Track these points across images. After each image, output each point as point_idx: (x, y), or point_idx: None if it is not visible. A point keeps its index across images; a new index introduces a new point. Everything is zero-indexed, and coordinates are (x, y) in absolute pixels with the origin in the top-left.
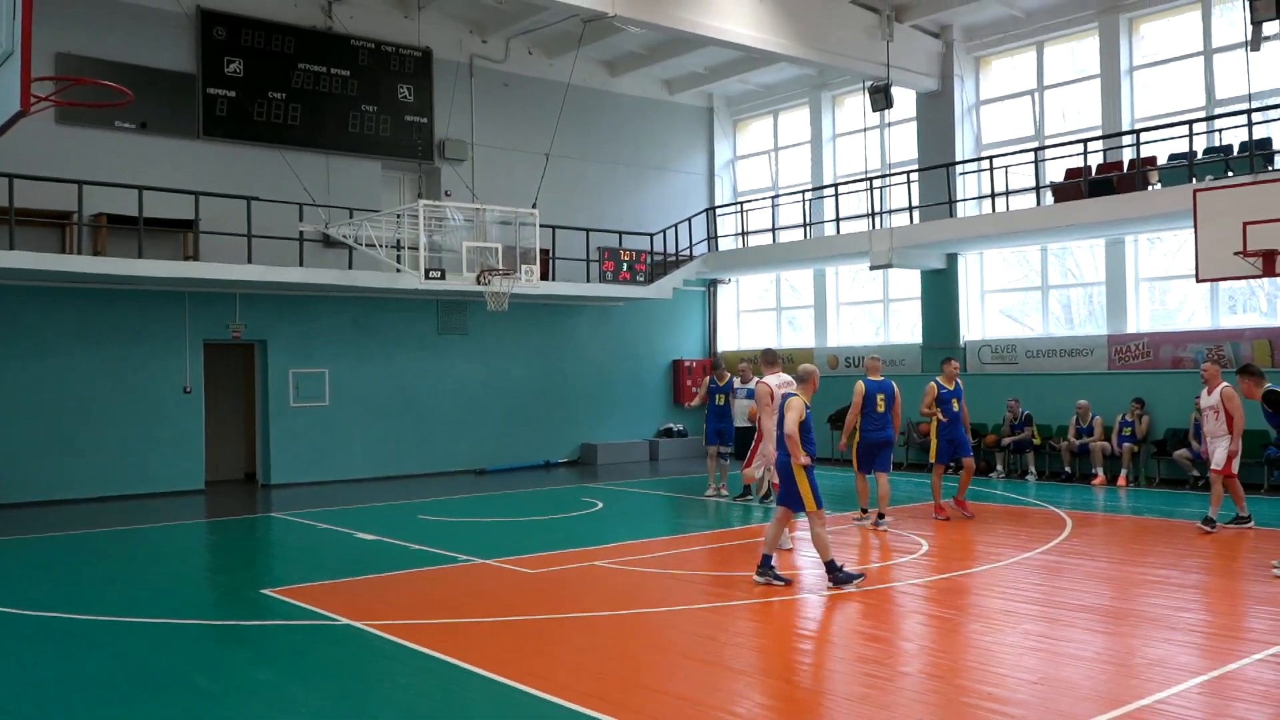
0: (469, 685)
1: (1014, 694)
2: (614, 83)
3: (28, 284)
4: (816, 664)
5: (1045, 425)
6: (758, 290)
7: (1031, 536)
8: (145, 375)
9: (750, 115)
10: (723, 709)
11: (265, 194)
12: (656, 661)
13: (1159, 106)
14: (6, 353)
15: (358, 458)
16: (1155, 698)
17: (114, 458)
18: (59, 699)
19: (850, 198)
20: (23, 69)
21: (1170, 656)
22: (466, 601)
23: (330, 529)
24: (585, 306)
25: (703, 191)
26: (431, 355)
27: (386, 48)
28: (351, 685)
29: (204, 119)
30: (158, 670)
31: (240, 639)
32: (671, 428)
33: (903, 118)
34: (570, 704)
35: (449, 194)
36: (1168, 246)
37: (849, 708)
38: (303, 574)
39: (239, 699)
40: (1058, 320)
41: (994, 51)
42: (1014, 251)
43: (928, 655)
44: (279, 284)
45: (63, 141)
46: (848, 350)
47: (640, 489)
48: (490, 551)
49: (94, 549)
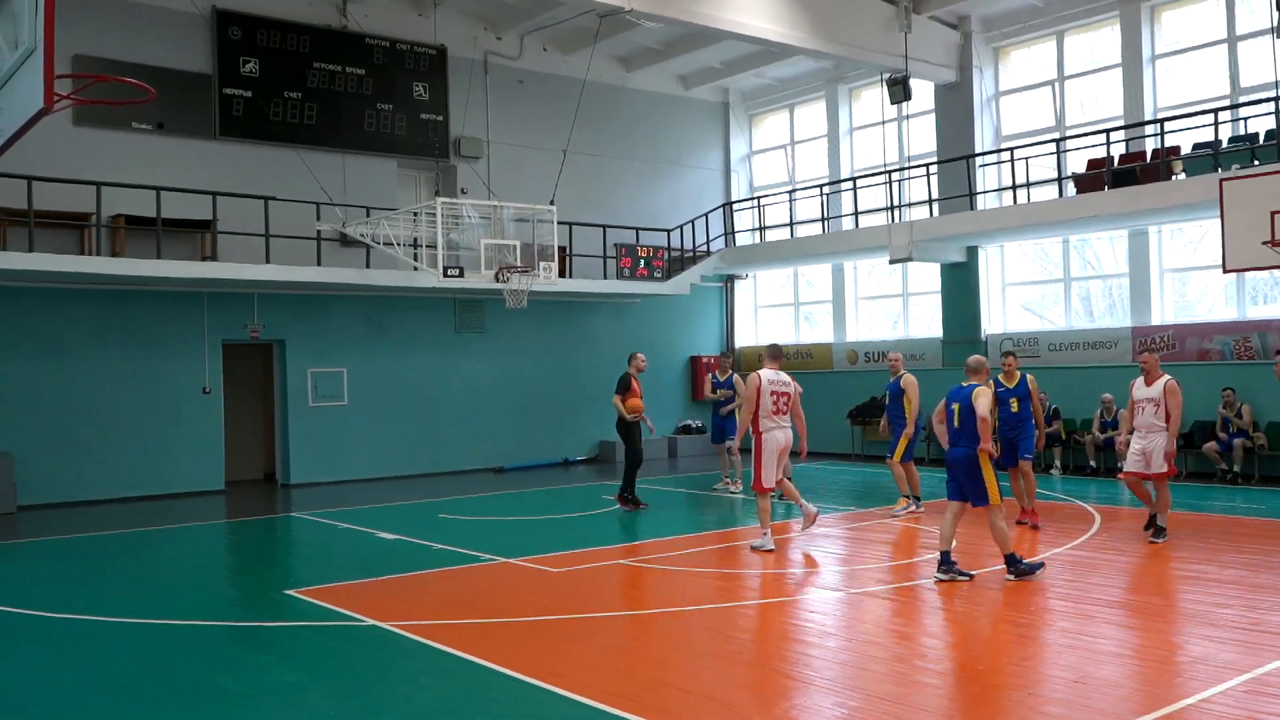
0: (495, 686)
1: (1054, 693)
2: (629, 78)
3: (47, 285)
4: (847, 663)
5: (1069, 419)
6: (775, 285)
7: (1060, 532)
8: (164, 376)
9: (766, 109)
10: (755, 711)
11: (282, 194)
12: (683, 661)
13: (1182, 95)
14: (26, 354)
15: (376, 457)
16: (1199, 697)
17: (133, 458)
18: (82, 702)
19: (868, 191)
20: (46, 66)
21: (1212, 654)
22: (490, 601)
23: (351, 528)
24: (602, 303)
25: (719, 187)
26: (449, 354)
27: (401, 46)
28: (376, 687)
29: (220, 119)
30: (182, 672)
31: (264, 640)
32: (690, 424)
33: (921, 110)
34: (600, 704)
35: (465, 192)
36: (1189, 237)
37: (885, 708)
38: (325, 574)
39: (263, 701)
40: (1077, 313)
41: (1013, 42)
42: (1033, 244)
43: (962, 653)
44: (296, 283)
45: (80, 143)
46: (866, 345)
47: (659, 486)
48: (512, 550)
49: (114, 550)
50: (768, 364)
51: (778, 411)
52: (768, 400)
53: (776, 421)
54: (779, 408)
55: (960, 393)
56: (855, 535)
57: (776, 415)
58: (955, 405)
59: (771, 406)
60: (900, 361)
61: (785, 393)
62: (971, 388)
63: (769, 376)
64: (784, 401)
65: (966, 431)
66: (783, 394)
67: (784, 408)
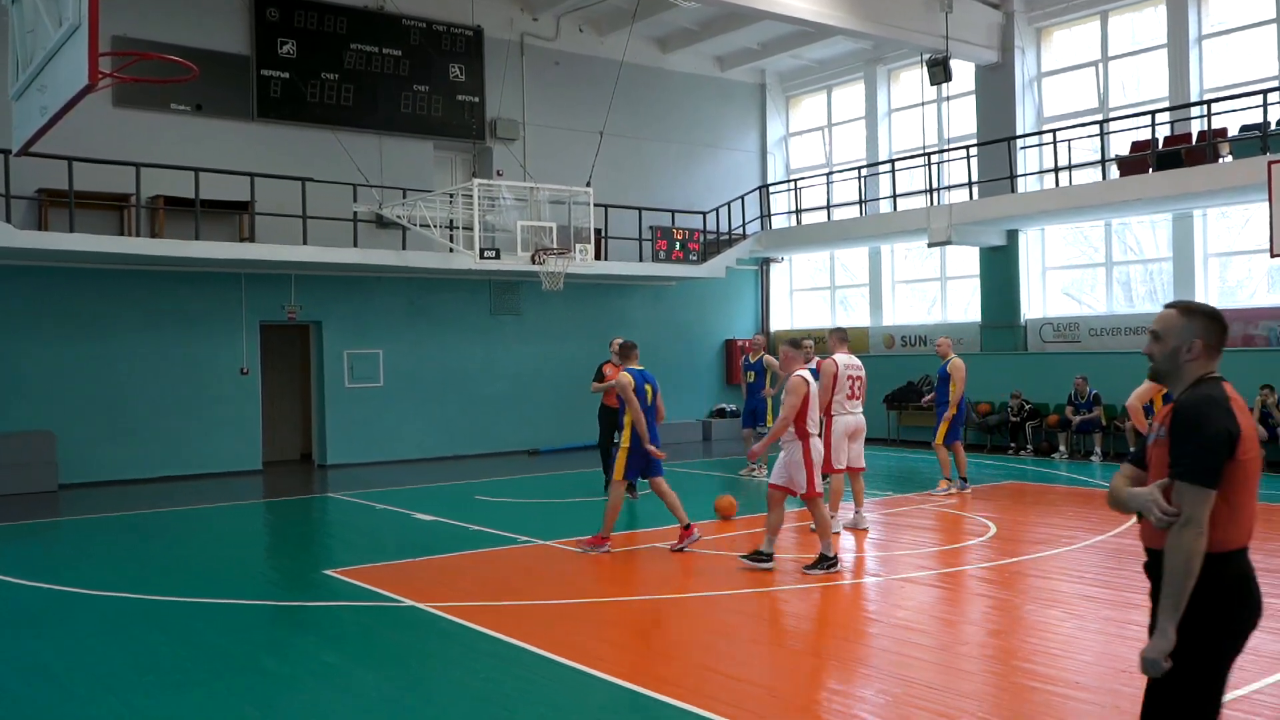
0: (539, 670)
1: (1103, 684)
2: (665, 60)
3: (87, 266)
4: (888, 650)
5: (1110, 406)
6: (811, 269)
7: (1102, 519)
8: (202, 357)
9: (803, 91)
10: (797, 696)
11: (319, 175)
12: (724, 646)
13: (1229, 77)
14: (66, 335)
15: (412, 438)
16: (1250, 688)
17: (172, 438)
18: (130, 681)
19: (906, 174)
20: (90, 42)
21: (1261, 645)
22: (529, 583)
23: (388, 509)
24: (638, 287)
25: (755, 169)
26: (485, 336)
27: (438, 27)
28: (420, 670)
29: (258, 101)
30: (226, 652)
31: (306, 621)
32: (724, 408)
33: (961, 92)
34: (647, 690)
35: (501, 173)
36: (1233, 221)
37: (928, 695)
38: (364, 555)
39: (309, 683)
40: (1116, 299)
41: (1056, 22)
42: (1074, 229)
43: (1006, 642)
44: (334, 265)
45: (120, 125)
46: (903, 329)
47: (695, 469)
48: (549, 532)
49: (154, 529)
50: (837, 348)
51: (852, 396)
52: (844, 384)
53: (850, 406)
54: (853, 392)
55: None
56: (894, 520)
57: (851, 400)
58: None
59: (847, 390)
60: (949, 346)
61: (860, 376)
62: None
63: (843, 361)
64: (858, 386)
65: None
66: (857, 378)
67: (858, 392)
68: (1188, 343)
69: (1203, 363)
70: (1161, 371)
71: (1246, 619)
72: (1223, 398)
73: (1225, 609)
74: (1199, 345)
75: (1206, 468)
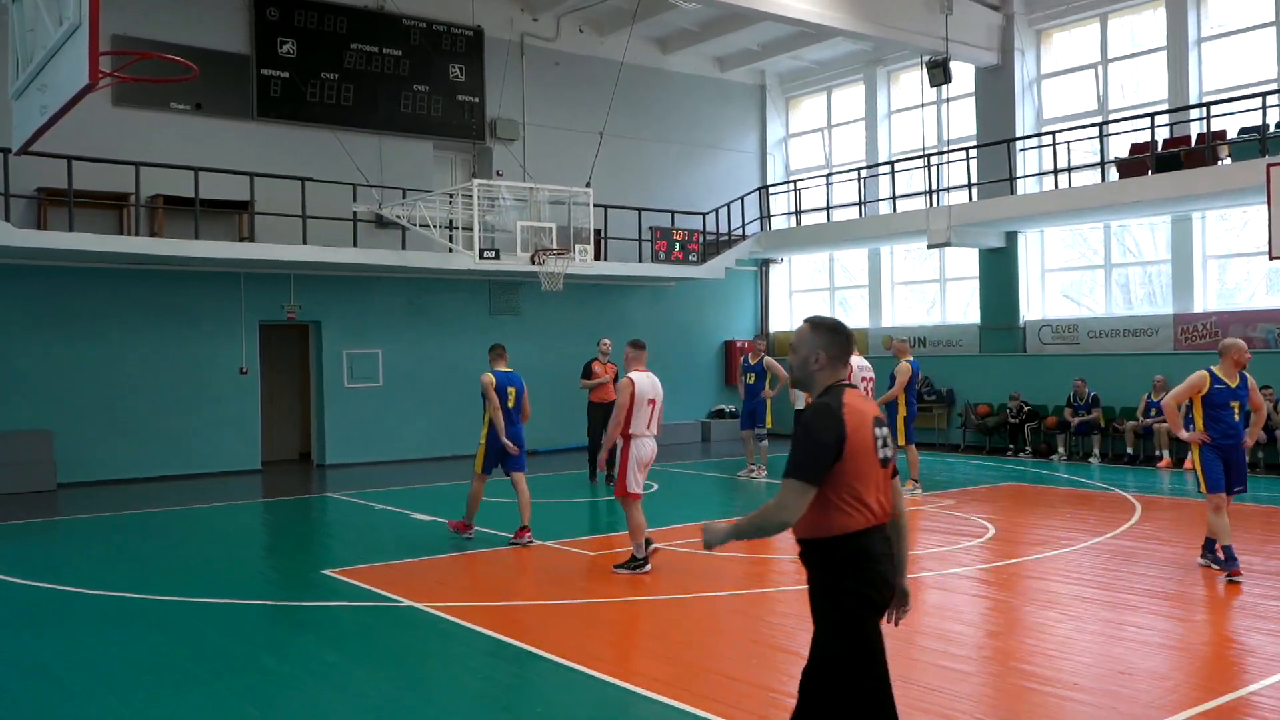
0: (538, 669)
1: (1101, 685)
2: (665, 60)
3: (87, 265)
4: (886, 650)
5: (1108, 407)
6: (810, 270)
7: (1101, 521)
8: (201, 356)
9: (803, 92)
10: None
11: (319, 175)
12: (725, 646)
13: (1228, 79)
14: (65, 334)
15: (411, 438)
16: (1252, 688)
17: (171, 438)
18: (130, 680)
19: (906, 176)
20: (90, 41)
21: (1262, 646)
22: (527, 583)
23: (387, 509)
24: (637, 287)
25: (755, 170)
26: (484, 336)
27: (438, 27)
28: (418, 669)
29: (258, 100)
30: (226, 652)
31: (305, 621)
32: (724, 409)
33: (961, 93)
34: (646, 691)
35: (501, 174)
36: (1232, 223)
37: (927, 697)
38: (362, 555)
39: (309, 683)
40: (1115, 300)
41: (1056, 24)
42: (1073, 231)
43: (1004, 643)
44: (333, 265)
45: (119, 124)
46: (902, 330)
47: (693, 470)
48: (548, 533)
49: (152, 528)
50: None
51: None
52: (859, 385)
53: None
54: (866, 393)
55: None
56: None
57: None
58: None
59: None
60: (903, 348)
61: (870, 378)
62: None
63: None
64: (869, 387)
65: None
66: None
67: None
68: (814, 354)
69: (829, 372)
70: (796, 380)
71: (871, 588)
72: (837, 406)
73: (852, 579)
74: (823, 357)
75: (811, 468)
